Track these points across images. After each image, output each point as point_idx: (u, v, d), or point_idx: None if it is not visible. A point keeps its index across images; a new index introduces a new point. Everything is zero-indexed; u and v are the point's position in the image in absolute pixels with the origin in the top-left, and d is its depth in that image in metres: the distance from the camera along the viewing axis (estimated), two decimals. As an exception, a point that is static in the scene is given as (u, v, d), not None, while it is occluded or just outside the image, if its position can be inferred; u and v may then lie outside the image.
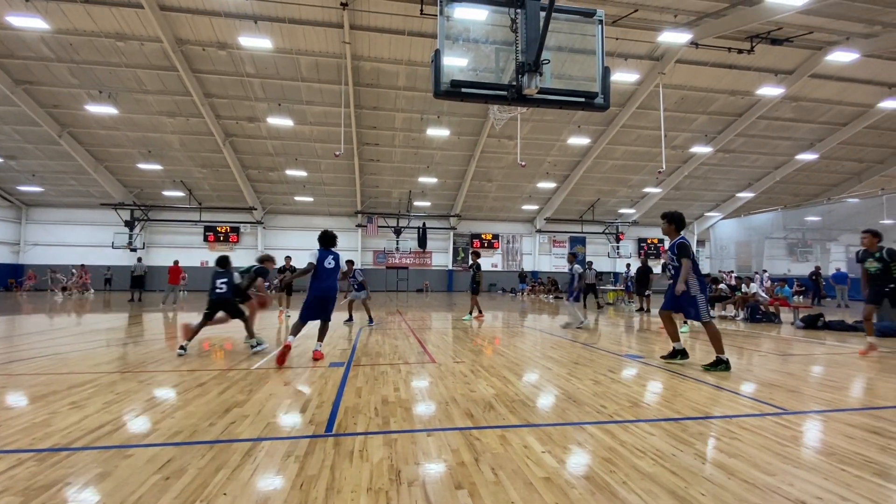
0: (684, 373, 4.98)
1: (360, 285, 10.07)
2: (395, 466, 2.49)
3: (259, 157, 24.24)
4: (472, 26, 4.53)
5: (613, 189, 28.91)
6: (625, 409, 3.60)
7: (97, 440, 2.89)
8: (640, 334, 8.68)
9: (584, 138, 23.08)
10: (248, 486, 2.26)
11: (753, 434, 3.03)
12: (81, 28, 16.10)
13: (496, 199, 29.51)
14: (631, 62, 18.42)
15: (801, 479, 2.34)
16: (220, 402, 3.77)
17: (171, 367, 5.25)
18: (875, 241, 6.26)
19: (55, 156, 22.80)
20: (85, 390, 4.13)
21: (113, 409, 3.58)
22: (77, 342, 7.08)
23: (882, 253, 6.10)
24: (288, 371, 5.03)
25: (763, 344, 7.35)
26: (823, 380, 4.76)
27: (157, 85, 18.86)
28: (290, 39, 16.99)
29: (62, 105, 19.88)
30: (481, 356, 6.02)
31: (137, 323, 10.27)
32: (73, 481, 2.31)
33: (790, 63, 19.16)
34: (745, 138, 24.30)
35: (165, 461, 2.55)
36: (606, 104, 4.56)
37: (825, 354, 6.38)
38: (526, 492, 2.20)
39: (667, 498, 2.14)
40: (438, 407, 3.66)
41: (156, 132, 21.76)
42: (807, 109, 22.29)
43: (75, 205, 27.47)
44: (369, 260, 30.74)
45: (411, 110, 20.99)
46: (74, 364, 5.37)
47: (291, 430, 3.13)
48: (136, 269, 18.17)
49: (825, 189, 29.93)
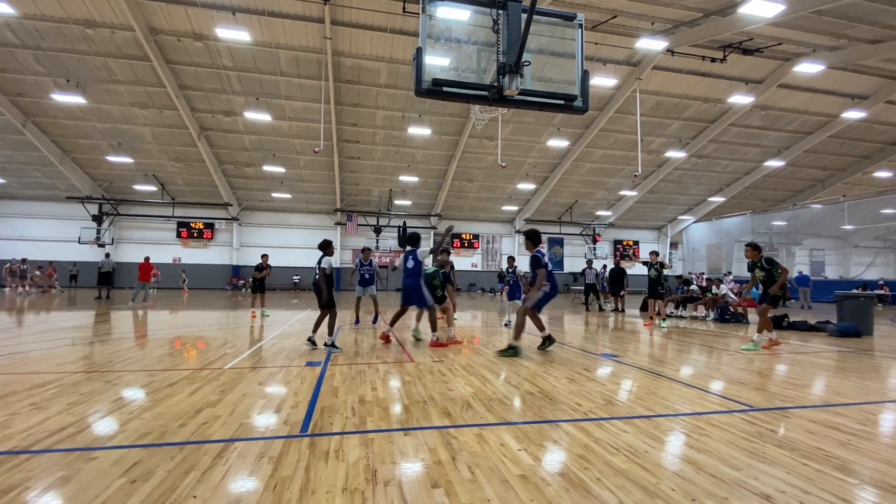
0: (658, 371, 5.10)
1: (372, 277, 9.14)
2: (371, 466, 2.47)
3: (235, 151, 23.69)
4: (455, 26, 4.53)
5: (591, 191, 29.41)
6: (599, 407, 3.67)
7: (59, 442, 2.77)
8: (615, 333, 8.85)
9: (563, 141, 23.40)
10: (220, 488, 2.21)
11: (721, 430, 3.12)
12: (49, 14, 15.42)
13: (477, 200, 29.64)
14: (609, 67, 18.77)
15: (766, 474, 2.43)
16: (192, 402, 3.67)
17: (140, 366, 5.08)
18: (756, 253, 6.97)
19: (18, 146, 21.76)
20: (47, 391, 3.96)
21: (77, 410, 3.44)
22: (40, 341, 6.78)
23: (762, 262, 6.89)
24: (262, 371, 4.94)
25: (731, 343, 7.59)
26: (787, 378, 4.95)
27: (129, 75, 18.22)
28: (269, 33, 16.66)
29: (27, 93, 19.01)
30: (460, 355, 6.03)
31: (105, 321, 9.90)
32: (34, 485, 2.21)
33: (760, 73, 19.87)
34: (716, 144, 25.08)
35: (132, 464, 2.47)
36: (585, 107, 4.64)
37: (789, 353, 6.64)
38: (502, 489, 2.22)
39: (639, 493, 2.19)
40: (416, 406, 3.65)
41: (127, 124, 21.02)
42: (775, 118, 23.15)
43: (40, 198, 26.25)
44: (348, 258, 30.42)
45: (393, 108, 20.88)
46: (36, 364, 5.14)
47: (265, 430, 3.07)
48: (104, 265, 17.49)
49: (791, 195, 31.14)
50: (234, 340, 7.22)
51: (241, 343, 6.95)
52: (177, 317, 11.18)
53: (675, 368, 5.30)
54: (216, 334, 7.98)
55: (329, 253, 6.41)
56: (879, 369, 5.56)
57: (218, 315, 11.75)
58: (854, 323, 8.75)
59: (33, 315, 10.99)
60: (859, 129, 24.36)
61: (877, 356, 6.52)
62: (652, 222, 34.95)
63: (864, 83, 20.74)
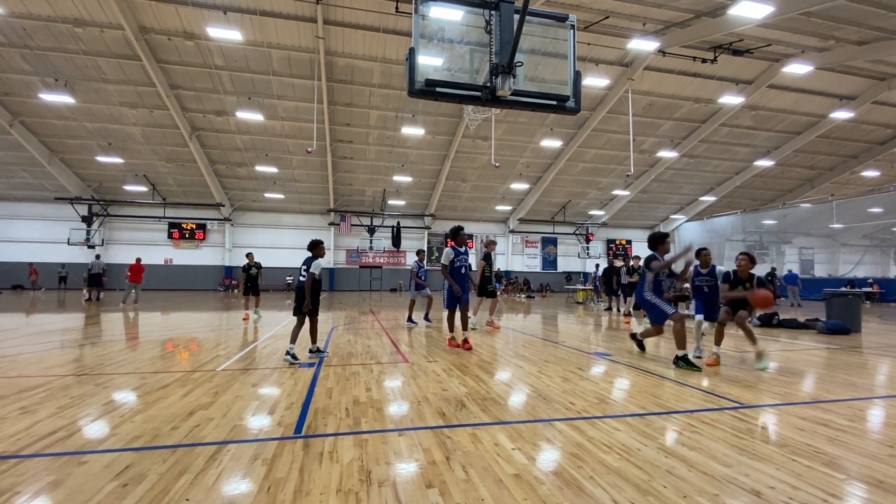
0: (649, 369, 5.14)
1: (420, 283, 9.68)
2: (365, 467, 2.47)
3: (227, 151, 23.51)
4: (448, 26, 4.53)
5: (584, 191, 29.54)
6: (592, 406, 3.69)
7: (49, 447, 2.75)
8: (608, 332, 8.91)
9: (556, 141, 23.48)
10: (213, 491, 2.19)
11: (712, 427, 3.16)
12: (37, 12, 15.21)
13: (470, 199, 29.66)
14: (602, 67, 18.86)
15: (756, 470, 2.46)
16: (184, 404, 3.65)
17: (131, 368, 5.03)
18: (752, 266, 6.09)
19: (5, 146, 21.42)
20: (36, 394, 3.91)
21: (67, 413, 3.40)
22: (28, 344, 6.70)
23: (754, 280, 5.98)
24: (256, 372, 4.91)
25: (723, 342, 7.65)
26: (777, 375, 5.01)
27: (119, 74, 18.02)
28: (261, 32, 16.56)
29: (14, 93, 18.74)
30: (454, 355, 6.04)
31: (95, 323, 9.79)
32: (23, 490, 2.19)
33: (750, 73, 20.07)
34: (707, 144, 25.30)
35: (123, 467, 2.45)
36: (578, 107, 4.65)
37: (779, 351, 6.72)
38: (496, 489, 2.23)
39: (632, 491, 2.21)
40: (410, 406, 3.66)
41: (117, 124, 20.78)
42: (765, 118, 23.41)
43: (27, 198, 25.85)
44: (342, 259, 30.34)
45: (386, 108, 20.83)
46: (24, 367, 5.07)
47: (259, 432, 3.06)
48: (94, 266, 17.29)
49: (780, 194, 31.49)
50: (227, 342, 7.17)
51: (233, 344, 6.91)
52: (168, 318, 11.08)
53: (667, 367, 5.34)
54: (208, 336, 7.92)
55: (319, 254, 5.61)
56: (867, 366, 5.64)
57: (210, 316, 11.66)
58: (843, 320, 8.87)
59: (22, 317, 10.84)
60: (847, 129, 24.68)
61: (865, 353, 6.62)
62: (644, 221, 35.19)
63: (852, 84, 21.03)
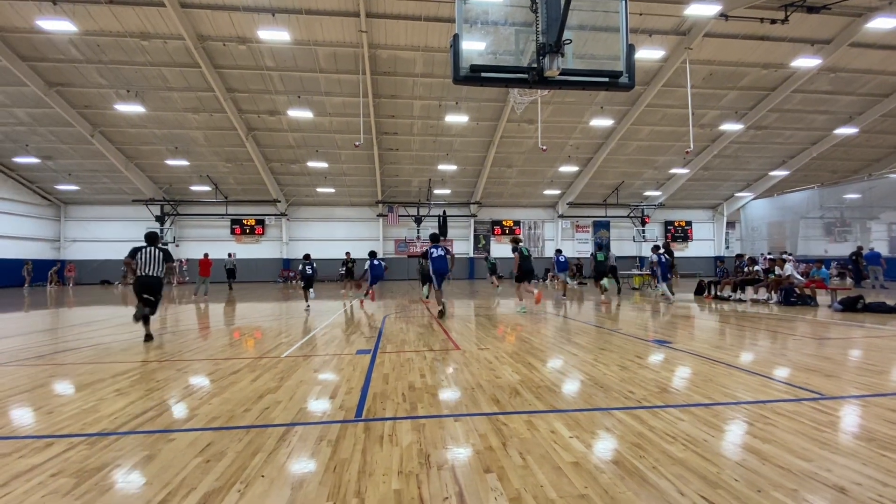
0: (716, 357, 4.87)
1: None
2: (424, 450, 2.54)
3: (281, 149, 24.58)
4: (491, 8, 4.44)
5: (639, 171, 28.15)
6: (653, 395, 3.56)
7: (142, 425, 3.05)
8: (667, 319, 8.52)
9: (607, 119, 22.49)
10: (284, 469, 2.35)
11: (788, 419, 2.95)
12: (107, 29, 16.52)
13: (517, 185, 29.18)
14: (656, 38, 17.74)
15: (840, 465, 2.28)
16: (254, 388, 3.91)
17: (205, 355, 5.46)
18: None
19: (88, 155, 23.66)
20: (128, 378, 4.34)
21: (154, 395, 3.75)
22: (117, 333, 7.43)
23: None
24: (316, 359, 5.16)
25: (798, 328, 7.11)
26: (863, 364, 4.58)
27: (181, 82, 19.27)
28: (307, 30, 17.04)
29: (93, 105, 20.55)
30: (505, 343, 6.03)
31: (172, 314, 10.68)
32: (122, 463, 2.45)
33: (828, 32, 18.10)
34: (778, 113, 23.20)
35: (205, 445, 2.67)
36: (632, 83, 4.43)
37: (864, 338, 6.13)
38: (554, 476, 2.22)
39: (698, 482, 2.12)
40: (464, 393, 3.70)
41: (181, 129, 22.30)
42: (845, 81, 21.08)
43: (109, 202, 28.53)
44: (391, 249, 30.98)
45: (429, 97, 20.84)
46: (116, 354, 5.64)
47: (323, 415, 3.23)
48: (227, 263, 20.96)
49: (866, 165, 28.40)
50: (288, 330, 7.58)
51: (294, 333, 7.29)
52: (234, 309, 11.86)
53: (735, 355, 5.04)
54: (271, 325, 8.41)
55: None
56: (974, 354, 5.02)
57: (271, 307, 12.36)
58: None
59: (111, 309, 12.01)
60: (947, 87, 21.74)
61: (970, 339, 5.89)
62: (706, 201, 33.04)
63: (954, 34, 18.43)
